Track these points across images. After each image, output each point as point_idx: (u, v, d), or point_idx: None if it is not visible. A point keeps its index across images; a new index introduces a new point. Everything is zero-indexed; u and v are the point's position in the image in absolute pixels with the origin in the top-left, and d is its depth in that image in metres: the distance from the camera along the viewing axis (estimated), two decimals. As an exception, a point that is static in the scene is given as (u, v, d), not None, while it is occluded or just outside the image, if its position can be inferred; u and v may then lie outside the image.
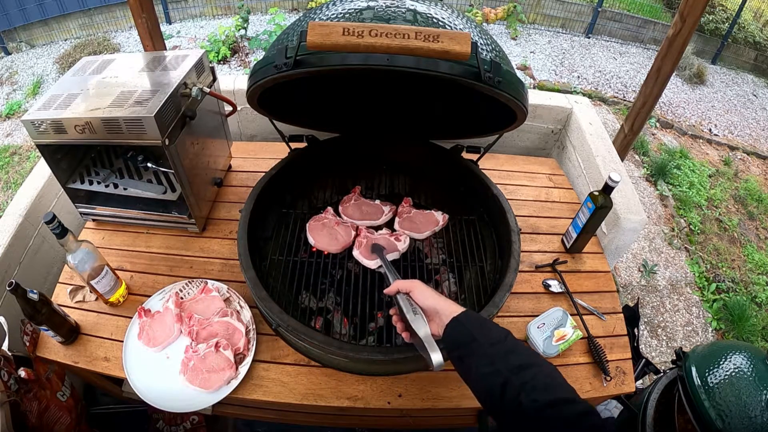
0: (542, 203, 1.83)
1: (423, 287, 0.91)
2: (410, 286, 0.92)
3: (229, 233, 1.62)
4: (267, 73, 1.02)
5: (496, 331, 0.80)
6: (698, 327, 3.05)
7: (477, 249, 1.48)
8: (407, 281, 0.93)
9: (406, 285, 0.92)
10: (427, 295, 0.89)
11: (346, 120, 1.57)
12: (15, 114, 4.61)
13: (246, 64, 5.20)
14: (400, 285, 0.93)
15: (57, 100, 1.27)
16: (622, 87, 5.48)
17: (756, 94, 5.90)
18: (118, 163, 1.54)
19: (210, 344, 1.26)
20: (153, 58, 1.43)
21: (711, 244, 3.65)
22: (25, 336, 1.26)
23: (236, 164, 1.87)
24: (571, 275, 1.57)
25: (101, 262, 1.28)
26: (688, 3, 1.83)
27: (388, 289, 0.96)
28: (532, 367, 0.73)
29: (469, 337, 0.78)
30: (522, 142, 2.19)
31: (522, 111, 1.09)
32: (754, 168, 4.68)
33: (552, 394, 0.69)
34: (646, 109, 2.17)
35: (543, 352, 1.31)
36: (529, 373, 0.72)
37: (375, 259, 1.40)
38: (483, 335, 0.78)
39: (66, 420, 1.28)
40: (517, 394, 0.70)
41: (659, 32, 6.32)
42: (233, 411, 1.52)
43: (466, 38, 0.90)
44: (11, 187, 3.75)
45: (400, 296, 0.92)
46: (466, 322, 0.80)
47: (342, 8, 1.07)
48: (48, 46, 5.63)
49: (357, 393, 1.25)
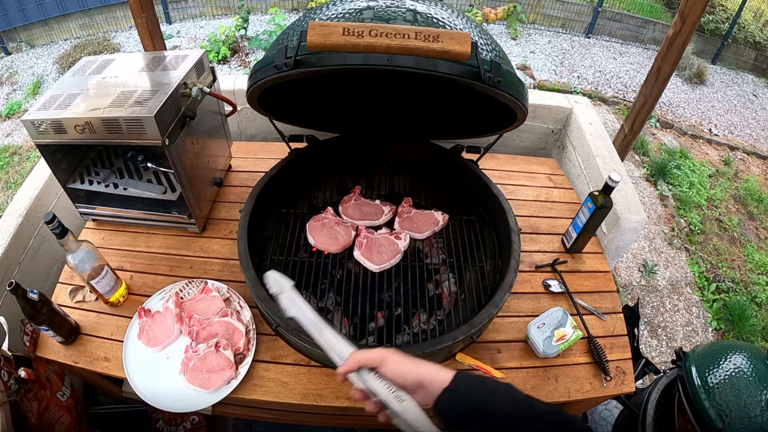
0: (542, 203, 1.83)
1: (395, 357, 0.69)
2: (378, 360, 0.69)
3: (229, 233, 1.62)
4: (267, 73, 1.02)
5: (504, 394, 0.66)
6: (698, 327, 3.05)
7: (477, 249, 1.48)
8: (371, 353, 0.69)
9: (370, 357, 0.69)
10: (403, 366, 0.68)
11: (346, 120, 1.57)
12: (15, 114, 4.61)
13: (246, 64, 5.20)
14: (361, 359, 0.70)
15: (57, 100, 1.27)
16: (622, 87, 5.48)
17: (756, 94, 5.90)
18: (118, 163, 1.54)
19: (210, 344, 1.26)
20: (153, 58, 1.43)
21: (711, 244, 3.65)
22: (25, 336, 1.26)
23: (236, 164, 1.87)
24: (571, 275, 1.57)
25: (101, 262, 1.28)
26: (688, 3, 1.83)
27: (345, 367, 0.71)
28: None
29: (471, 409, 0.64)
30: (522, 142, 2.19)
31: (522, 111, 1.09)
32: (754, 168, 4.68)
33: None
34: (646, 109, 2.17)
35: (543, 352, 1.31)
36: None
37: (381, 263, 1.40)
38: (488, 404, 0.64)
39: (66, 420, 1.28)
40: None
41: (659, 32, 6.32)
42: (233, 411, 1.52)
43: (466, 38, 0.90)
44: (11, 187, 3.75)
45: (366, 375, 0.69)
46: (464, 391, 0.65)
47: (342, 8, 1.07)
48: (48, 46, 5.63)
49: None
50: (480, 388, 0.65)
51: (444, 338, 1.14)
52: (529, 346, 1.37)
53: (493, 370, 1.29)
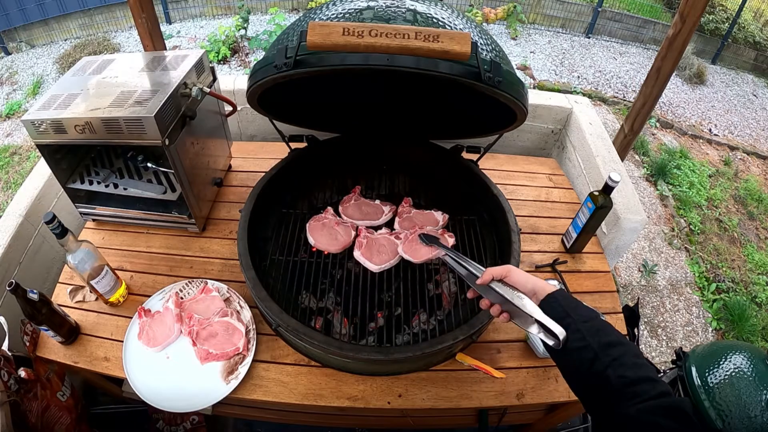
0: (542, 203, 1.83)
1: (517, 269, 0.93)
2: (505, 271, 0.92)
3: (229, 233, 1.62)
4: (267, 73, 1.02)
5: (586, 310, 0.84)
6: (698, 327, 3.05)
7: (477, 249, 1.48)
8: (499, 267, 0.93)
9: (500, 271, 0.93)
10: (522, 276, 0.91)
11: (346, 120, 1.57)
12: (15, 114, 4.61)
13: (246, 64, 5.20)
14: (494, 272, 0.93)
15: (57, 100, 1.27)
16: (622, 87, 5.48)
17: (756, 94, 5.90)
18: (118, 163, 1.54)
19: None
20: (153, 58, 1.43)
21: (711, 244, 3.65)
22: (25, 336, 1.26)
23: (236, 164, 1.87)
24: (571, 275, 1.57)
25: (101, 262, 1.28)
26: (688, 3, 1.83)
27: (482, 279, 0.94)
28: (621, 346, 0.77)
29: (563, 313, 0.82)
30: (522, 142, 2.19)
31: (522, 111, 1.09)
32: (754, 168, 4.68)
33: (638, 372, 0.73)
34: (646, 109, 2.17)
35: (543, 352, 1.31)
36: (617, 350, 0.75)
37: (381, 263, 1.40)
38: (576, 312, 0.82)
39: (66, 420, 1.28)
40: (605, 369, 0.74)
41: (659, 32, 6.32)
42: (233, 411, 1.52)
43: (466, 38, 0.90)
44: (11, 187, 3.75)
45: (495, 284, 0.92)
46: (561, 299, 0.84)
47: (342, 8, 1.07)
48: (48, 46, 5.63)
49: (357, 393, 1.25)
50: (572, 300, 0.86)
51: (444, 338, 1.14)
52: (529, 346, 1.37)
53: (493, 370, 1.29)
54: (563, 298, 0.85)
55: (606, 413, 0.74)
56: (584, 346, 0.77)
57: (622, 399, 0.71)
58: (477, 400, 1.26)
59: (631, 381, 0.72)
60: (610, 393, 0.73)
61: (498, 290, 0.91)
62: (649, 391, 0.70)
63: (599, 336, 0.78)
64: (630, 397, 0.71)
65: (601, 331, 0.79)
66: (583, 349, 0.77)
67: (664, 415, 0.67)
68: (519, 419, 1.67)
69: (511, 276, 0.91)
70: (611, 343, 0.77)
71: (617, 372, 0.73)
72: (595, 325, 0.80)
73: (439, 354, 1.25)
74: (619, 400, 0.71)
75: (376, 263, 1.40)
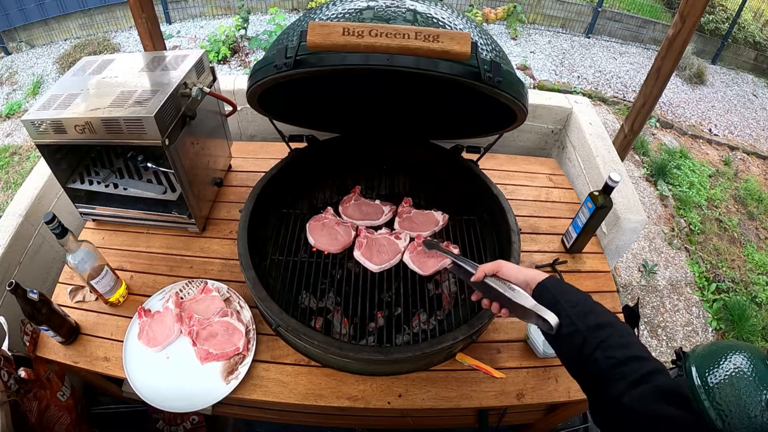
0: (542, 203, 1.83)
1: (507, 264, 0.94)
2: (496, 267, 0.94)
3: (229, 233, 1.62)
4: (267, 73, 1.02)
5: (576, 294, 0.85)
6: (698, 327, 3.05)
7: (477, 249, 1.48)
8: (490, 263, 0.95)
9: (491, 267, 0.94)
10: (514, 269, 0.93)
11: (346, 120, 1.57)
12: (15, 114, 4.61)
13: (246, 64, 5.20)
14: (486, 268, 0.95)
15: (57, 100, 1.27)
16: (622, 87, 5.48)
17: (756, 94, 5.90)
18: (118, 163, 1.54)
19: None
20: (153, 58, 1.43)
21: (711, 244, 3.65)
22: (25, 336, 1.26)
23: (236, 164, 1.87)
24: (571, 275, 1.57)
25: (101, 262, 1.28)
26: (688, 3, 1.83)
27: (475, 277, 0.96)
28: (609, 327, 0.76)
29: (554, 299, 0.83)
30: (522, 142, 2.19)
31: (522, 111, 1.09)
32: (754, 168, 4.68)
33: (625, 352, 0.72)
34: (646, 109, 2.17)
35: (543, 351, 1.31)
36: (605, 332, 0.75)
37: (381, 263, 1.40)
38: (564, 298, 0.83)
39: (66, 420, 1.28)
40: (593, 351, 0.74)
41: (659, 32, 6.32)
42: (233, 411, 1.52)
43: (466, 38, 0.90)
44: (11, 187, 3.75)
45: (489, 279, 0.94)
46: (550, 287, 0.86)
47: (342, 8, 1.07)
48: (48, 46, 5.62)
49: (357, 393, 1.25)
50: (562, 286, 0.87)
51: (444, 338, 1.14)
52: (529, 346, 1.37)
53: (493, 370, 1.29)
54: (553, 285, 0.86)
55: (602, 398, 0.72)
56: (574, 331, 0.78)
57: (611, 380, 0.70)
58: (477, 400, 1.26)
59: (618, 361, 0.71)
60: (599, 376, 0.72)
61: (493, 285, 0.93)
62: (638, 369, 0.68)
63: (587, 319, 0.78)
64: (618, 377, 0.69)
65: (590, 315, 0.79)
66: (573, 334, 0.78)
67: (662, 400, 0.64)
68: (519, 419, 1.67)
69: (502, 270, 0.93)
70: (600, 324, 0.77)
71: (605, 353, 0.72)
72: (583, 309, 0.80)
73: (439, 354, 1.25)
74: (608, 382, 0.70)
75: (376, 263, 1.40)
